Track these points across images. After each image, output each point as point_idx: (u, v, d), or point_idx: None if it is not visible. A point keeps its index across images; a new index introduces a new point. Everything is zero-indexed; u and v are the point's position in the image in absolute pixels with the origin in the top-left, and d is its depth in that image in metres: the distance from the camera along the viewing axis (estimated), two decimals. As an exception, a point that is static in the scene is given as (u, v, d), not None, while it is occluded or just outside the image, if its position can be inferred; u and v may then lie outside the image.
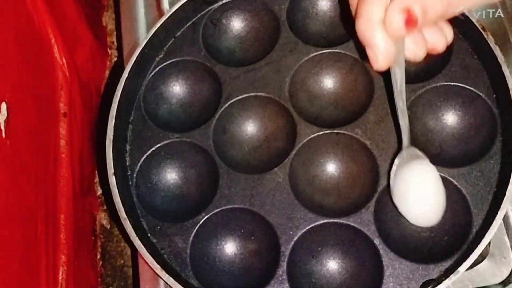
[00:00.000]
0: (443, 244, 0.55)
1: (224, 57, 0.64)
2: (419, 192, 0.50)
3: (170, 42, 0.64)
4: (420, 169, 0.51)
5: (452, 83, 0.59)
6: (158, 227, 0.57)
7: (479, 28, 0.57)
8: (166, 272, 0.52)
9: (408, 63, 0.62)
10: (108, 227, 0.75)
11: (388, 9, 0.37)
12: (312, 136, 0.59)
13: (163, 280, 0.52)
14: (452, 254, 0.54)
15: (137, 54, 0.60)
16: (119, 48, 0.82)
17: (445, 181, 0.56)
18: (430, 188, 0.51)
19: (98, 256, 0.73)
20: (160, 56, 0.64)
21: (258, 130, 0.62)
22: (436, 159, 0.57)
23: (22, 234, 0.53)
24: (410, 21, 0.37)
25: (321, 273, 0.56)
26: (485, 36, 0.57)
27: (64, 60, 0.67)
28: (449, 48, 0.60)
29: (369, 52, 0.39)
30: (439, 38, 0.42)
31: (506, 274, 0.57)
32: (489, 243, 0.56)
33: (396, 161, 0.52)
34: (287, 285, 0.54)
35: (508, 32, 0.67)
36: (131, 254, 0.73)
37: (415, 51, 0.41)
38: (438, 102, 0.60)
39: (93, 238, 0.73)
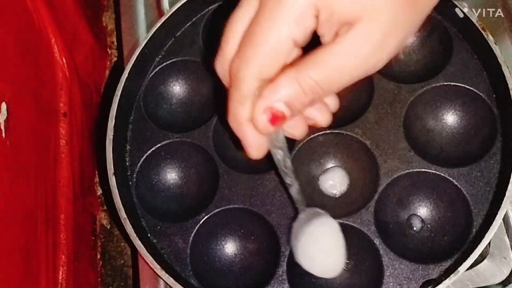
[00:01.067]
0: (443, 244, 0.55)
1: (224, 57, 0.64)
2: (325, 248, 0.49)
3: (170, 42, 0.64)
4: (321, 228, 0.49)
5: (452, 83, 0.59)
6: (158, 227, 0.57)
7: (479, 28, 0.57)
8: (166, 272, 0.52)
9: (408, 62, 0.63)
10: (108, 227, 0.75)
11: (253, 109, 0.36)
12: (312, 136, 0.59)
13: (163, 280, 0.52)
14: (452, 254, 0.54)
15: (137, 54, 0.60)
16: (119, 48, 0.82)
17: (445, 181, 0.56)
18: (334, 243, 0.49)
19: (98, 256, 0.73)
20: (160, 56, 0.64)
21: (258, 130, 0.62)
22: (436, 159, 0.57)
23: (22, 234, 0.53)
24: (277, 118, 0.36)
25: (321, 273, 0.56)
26: (485, 36, 0.57)
27: (64, 60, 0.66)
28: (450, 48, 0.60)
29: (243, 145, 0.39)
30: (319, 114, 0.40)
31: (506, 274, 0.57)
32: (489, 243, 0.56)
33: (295, 224, 0.51)
34: (287, 285, 0.54)
35: (508, 32, 0.66)
36: (131, 254, 0.73)
37: (292, 134, 0.41)
38: (438, 102, 0.60)
39: (93, 238, 0.73)
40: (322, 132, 0.59)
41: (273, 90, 0.35)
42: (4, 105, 0.52)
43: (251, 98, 0.36)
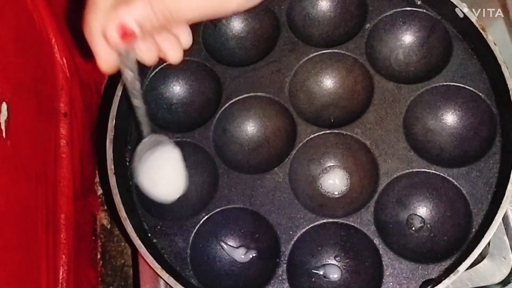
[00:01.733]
0: (442, 243, 0.56)
1: (224, 57, 0.64)
2: (166, 174, 0.51)
3: (170, 42, 0.64)
4: (163, 154, 0.52)
5: (452, 83, 0.59)
6: (158, 227, 0.57)
7: (479, 28, 0.57)
8: (166, 271, 0.52)
9: (408, 63, 0.63)
10: (109, 227, 0.75)
11: (105, 24, 0.39)
12: (312, 136, 0.59)
13: (163, 280, 0.52)
14: (452, 254, 0.54)
15: (137, 54, 0.60)
16: (120, 48, 0.82)
17: (445, 181, 0.56)
18: (175, 169, 0.52)
19: (99, 256, 0.73)
20: (160, 56, 0.64)
21: (258, 130, 0.62)
22: (436, 159, 0.57)
23: (22, 234, 0.53)
24: (127, 35, 0.39)
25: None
26: (485, 36, 0.57)
27: (64, 60, 0.66)
28: (449, 49, 0.61)
29: (95, 56, 0.42)
30: (170, 47, 0.44)
31: (505, 273, 0.57)
32: (489, 243, 0.57)
33: (139, 148, 0.53)
34: (287, 285, 0.54)
35: (507, 32, 0.67)
36: (131, 254, 0.73)
37: (143, 57, 0.43)
38: (438, 102, 0.60)
39: (93, 238, 0.73)
40: (322, 132, 0.59)
41: (127, 9, 0.38)
42: (4, 105, 0.52)
43: (105, 12, 0.39)
